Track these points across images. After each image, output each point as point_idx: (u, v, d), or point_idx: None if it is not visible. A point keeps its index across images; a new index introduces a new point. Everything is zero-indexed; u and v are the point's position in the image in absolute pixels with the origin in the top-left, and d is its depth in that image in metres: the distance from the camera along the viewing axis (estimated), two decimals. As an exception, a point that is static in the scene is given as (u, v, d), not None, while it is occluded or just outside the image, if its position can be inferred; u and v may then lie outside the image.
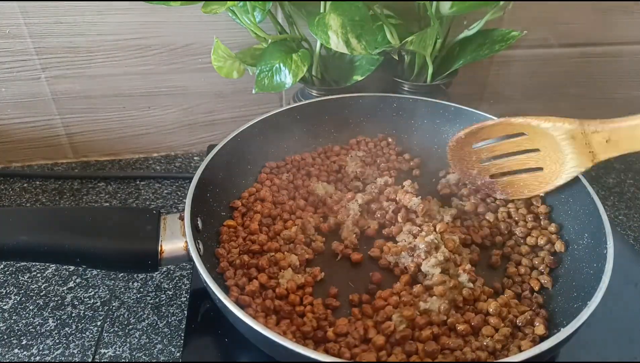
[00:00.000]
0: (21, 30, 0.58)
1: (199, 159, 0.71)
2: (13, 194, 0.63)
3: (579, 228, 0.45)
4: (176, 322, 0.48)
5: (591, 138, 0.40)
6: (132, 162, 0.70)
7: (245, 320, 0.33)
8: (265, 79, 0.54)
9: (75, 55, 0.61)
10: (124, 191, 0.64)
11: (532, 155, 0.46)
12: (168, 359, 0.45)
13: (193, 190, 0.43)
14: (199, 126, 0.70)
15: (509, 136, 0.47)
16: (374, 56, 0.57)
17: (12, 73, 0.61)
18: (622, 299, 0.45)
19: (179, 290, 0.51)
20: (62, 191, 0.64)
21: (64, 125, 0.67)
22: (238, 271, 0.43)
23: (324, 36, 0.50)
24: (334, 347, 0.37)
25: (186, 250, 0.40)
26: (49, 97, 0.64)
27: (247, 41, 0.61)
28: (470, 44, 0.59)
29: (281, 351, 0.32)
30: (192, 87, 0.66)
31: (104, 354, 0.45)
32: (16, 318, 0.48)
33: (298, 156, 0.57)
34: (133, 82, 0.65)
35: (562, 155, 0.43)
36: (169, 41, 0.62)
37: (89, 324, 0.47)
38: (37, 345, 0.46)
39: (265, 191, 0.51)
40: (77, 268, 0.53)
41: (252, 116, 0.67)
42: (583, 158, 0.42)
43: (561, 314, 0.40)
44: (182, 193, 0.65)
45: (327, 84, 0.62)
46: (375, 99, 0.59)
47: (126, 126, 0.68)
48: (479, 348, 0.37)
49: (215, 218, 0.47)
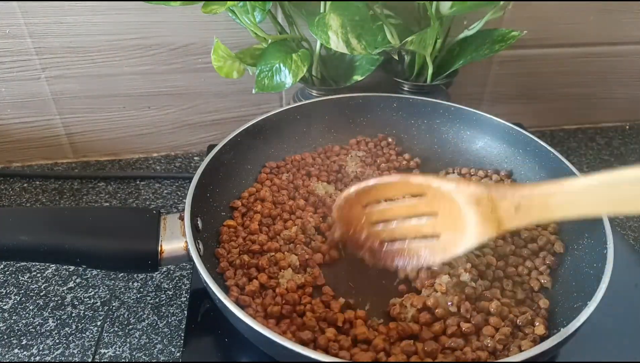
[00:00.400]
0: (21, 30, 0.58)
1: (199, 159, 0.71)
2: (13, 194, 0.63)
3: (579, 228, 0.45)
4: (176, 322, 0.48)
5: (498, 205, 0.35)
6: (132, 162, 0.70)
7: (245, 320, 0.33)
8: (265, 79, 0.54)
9: (75, 55, 0.61)
10: (124, 191, 0.64)
11: (428, 221, 0.40)
12: (168, 359, 0.45)
13: (193, 190, 0.43)
14: (199, 126, 0.70)
15: (409, 194, 0.41)
16: (374, 56, 0.57)
17: (12, 73, 0.61)
18: (622, 299, 0.45)
19: (179, 290, 0.51)
20: (62, 191, 0.64)
21: (64, 125, 0.67)
22: (238, 271, 0.43)
23: (324, 36, 0.50)
24: (334, 346, 0.37)
25: (186, 250, 0.40)
26: (49, 97, 0.64)
27: (247, 41, 0.61)
28: (470, 44, 0.59)
29: (281, 351, 0.32)
30: (192, 87, 0.66)
31: (104, 354, 0.45)
32: (16, 318, 0.48)
33: (298, 156, 0.57)
34: (133, 82, 0.65)
35: (463, 222, 0.37)
36: (169, 41, 0.62)
37: (89, 324, 0.47)
38: (37, 345, 0.46)
39: (265, 191, 0.51)
40: (77, 268, 0.53)
41: (252, 116, 0.67)
42: (487, 225, 0.36)
43: (561, 314, 0.40)
44: (182, 193, 0.65)
45: (327, 84, 0.62)
46: (375, 99, 0.59)
47: (126, 126, 0.68)
48: (480, 348, 0.37)
49: (215, 218, 0.47)
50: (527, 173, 0.53)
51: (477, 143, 0.57)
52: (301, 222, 0.48)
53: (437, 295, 0.40)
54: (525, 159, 0.54)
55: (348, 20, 0.50)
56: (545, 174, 0.52)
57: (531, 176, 0.53)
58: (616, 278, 0.37)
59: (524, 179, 0.54)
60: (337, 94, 0.59)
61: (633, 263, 0.50)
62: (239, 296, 0.40)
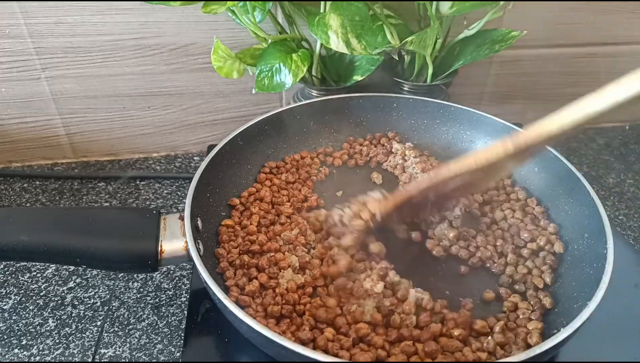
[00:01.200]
0: (21, 30, 0.58)
1: (199, 159, 0.71)
2: (13, 194, 0.63)
3: (579, 228, 0.45)
4: (176, 322, 0.48)
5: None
6: (132, 162, 0.70)
7: (245, 320, 0.33)
8: (265, 79, 0.54)
9: (75, 55, 0.61)
10: (124, 191, 0.64)
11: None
12: (168, 359, 0.45)
13: (193, 190, 0.43)
14: (199, 126, 0.70)
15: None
16: (374, 56, 0.57)
17: (12, 73, 0.61)
18: (622, 299, 0.45)
19: (179, 290, 0.51)
20: (62, 191, 0.64)
21: (64, 125, 0.67)
22: (238, 271, 0.43)
23: (324, 36, 0.50)
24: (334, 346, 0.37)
25: (186, 250, 0.40)
26: (49, 97, 0.64)
27: (247, 41, 0.61)
28: (470, 44, 0.59)
29: (281, 351, 0.32)
30: (192, 87, 0.66)
31: (104, 354, 0.45)
32: (16, 318, 0.48)
33: (297, 156, 0.57)
34: (133, 82, 0.65)
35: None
36: (169, 41, 0.62)
37: (89, 324, 0.47)
38: (37, 345, 0.46)
39: (265, 191, 0.51)
40: (77, 268, 0.53)
41: (252, 116, 0.67)
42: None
43: (561, 314, 0.40)
44: (182, 193, 0.65)
45: (327, 84, 0.62)
46: (375, 99, 0.59)
47: (126, 126, 0.68)
48: (480, 349, 0.37)
49: (215, 218, 0.47)
50: (527, 173, 0.53)
51: (477, 142, 0.57)
52: (302, 225, 0.48)
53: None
54: (525, 159, 0.54)
55: (348, 20, 0.50)
56: (545, 175, 0.52)
57: (531, 176, 0.53)
58: (616, 278, 0.37)
59: (524, 179, 0.54)
60: (337, 94, 0.59)
61: (633, 263, 0.50)
62: (239, 297, 0.40)
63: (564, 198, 0.48)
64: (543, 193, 0.52)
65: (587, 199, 0.45)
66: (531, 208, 0.50)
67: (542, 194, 0.51)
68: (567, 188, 0.48)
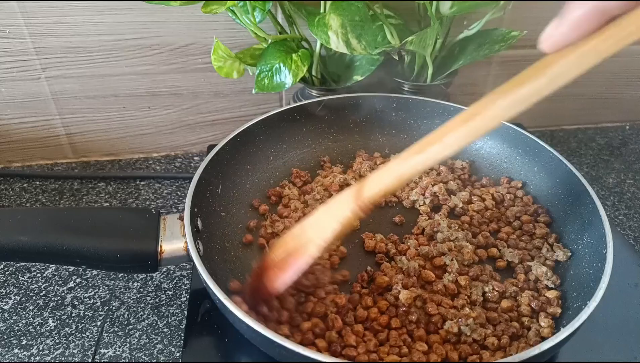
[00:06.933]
0: (21, 30, 0.58)
1: (199, 159, 0.71)
2: (13, 194, 0.63)
3: (579, 228, 0.45)
4: (176, 322, 0.48)
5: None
6: (132, 162, 0.70)
7: (245, 320, 0.33)
8: (265, 79, 0.54)
9: (75, 55, 0.61)
10: (124, 191, 0.64)
11: None
12: (168, 359, 0.45)
13: (193, 190, 0.43)
14: (199, 126, 0.70)
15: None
16: (374, 56, 0.57)
17: (12, 73, 0.61)
18: (622, 299, 0.45)
19: (179, 290, 0.51)
20: (62, 191, 0.64)
21: (64, 125, 0.67)
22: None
23: (324, 36, 0.50)
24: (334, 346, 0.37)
25: (186, 250, 0.40)
26: (49, 97, 0.64)
27: (247, 41, 0.61)
28: (470, 44, 0.59)
29: (281, 351, 0.32)
30: (192, 87, 0.66)
31: (104, 354, 0.45)
32: (16, 318, 0.48)
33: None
34: (133, 82, 0.65)
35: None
36: (169, 41, 0.62)
37: (89, 324, 0.47)
38: (37, 345, 0.46)
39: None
40: (77, 268, 0.53)
41: (252, 116, 0.67)
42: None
43: (561, 314, 0.40)
44: (182, 193, 0.65)
45: (327, 84, 0.62)
46: (375, 99, 0.59)
47: (126, 126, 0.68)
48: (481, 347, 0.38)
49: (215, 218, 0.47)
50: (527, 173, 0.53)
51: (476, 142, 0.57)
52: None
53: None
54: (525, 159, 0.54)
55: (348, 21, 0.50)
56: (545, 175, 0.52)
57: (531, 176, 0.53)
58: (616, 278, 0.37)
59: (524, 180, 0.54)
60: (337, 94, 0.59)
61: (633, 263, 0.50)
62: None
63: (563, 198, 0.48)
64: (543, 192, 0.52)
65: (587, 199, 0.45)
66: (531, 207, 0.50)
67: (542, 194, 0.52)
68: (567, 188, 0.48)
